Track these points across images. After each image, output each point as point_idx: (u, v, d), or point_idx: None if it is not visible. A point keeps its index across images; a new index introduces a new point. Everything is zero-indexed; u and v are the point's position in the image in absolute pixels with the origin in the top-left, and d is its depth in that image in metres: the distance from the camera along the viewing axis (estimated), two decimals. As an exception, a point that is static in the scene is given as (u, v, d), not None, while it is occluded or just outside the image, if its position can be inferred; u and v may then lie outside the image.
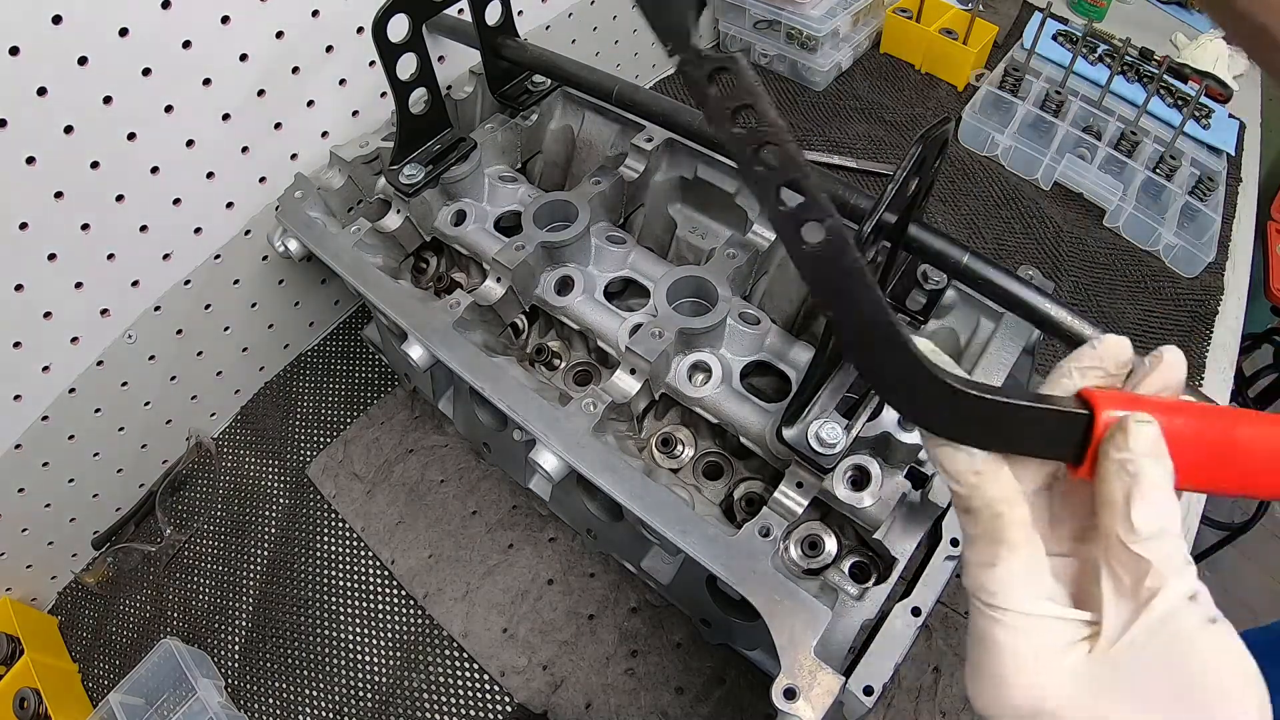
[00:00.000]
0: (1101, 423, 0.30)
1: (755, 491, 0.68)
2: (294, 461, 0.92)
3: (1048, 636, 0.31)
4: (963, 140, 1.21)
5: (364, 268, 0.72)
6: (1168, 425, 0.30)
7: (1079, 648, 0.31)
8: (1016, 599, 0.32)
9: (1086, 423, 0.31)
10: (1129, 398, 0.31)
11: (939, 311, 0.67)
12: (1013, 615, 0.32)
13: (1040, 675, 0.31)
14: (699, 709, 0.73)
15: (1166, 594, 0.30)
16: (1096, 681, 0.31)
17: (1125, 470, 0.30)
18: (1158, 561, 0.30)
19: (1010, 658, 0.31)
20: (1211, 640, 0.30)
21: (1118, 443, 0.30)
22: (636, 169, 0.78)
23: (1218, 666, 0.30)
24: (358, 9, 0.78)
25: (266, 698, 0.77)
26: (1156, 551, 0.30)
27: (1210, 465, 0.31)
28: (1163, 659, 0.30)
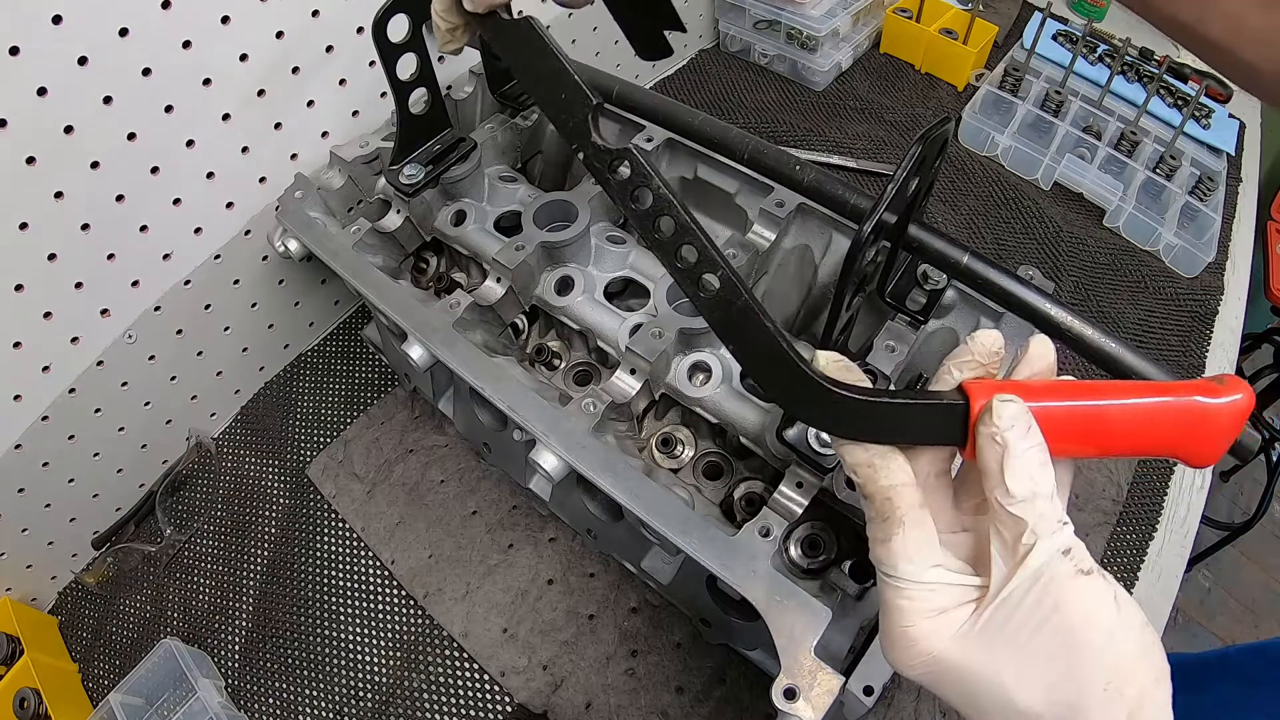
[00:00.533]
0: (976, 409, 0.35)
1: (755, 491, 0.68)
2: (294, 461, 0.92)
3: (936, 599, 0.35)
4: (963, 140, 1.21)
5: (364, 268, 0.72)
6: (1037, 402, 0.34)
7: (967, 608, 0.35)
8: (906, 568, 0.36)
9: (964, 411, 0.35)
10: (1000, 385, 0.36)
11: (939, 311, 0.67)
12: (903, 582, 0.36)
13: (931, 633, 0.35)
14: (699, 709, 0.73)
15: (1040, 548, 0.33)
16: (981, 636, 0.34)
17: (995, 442, 0.33)
18: (1032, 520, 0.33)
19: (905, 619, 0.35)
20: (1083, 589, 0.33)
21: (985, 420, 0.34)
22: (636, 169, 0.78)
23: (1087, 612, 0.32)
24: (358, 9, 0.78)
25: (266, 698, 0.77)
26: (1030, 511, 0.33)
27: (1081, 434, 0.35)
28: (1037, 609, 0.33)
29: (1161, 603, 0.79)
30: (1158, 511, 0.86)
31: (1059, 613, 0.32)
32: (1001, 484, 0.33)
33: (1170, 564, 0.83)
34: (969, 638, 0.34)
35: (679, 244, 0.39)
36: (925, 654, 0.35)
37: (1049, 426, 0.34)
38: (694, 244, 0.39)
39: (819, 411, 0.37)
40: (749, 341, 0.38)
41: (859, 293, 0.53)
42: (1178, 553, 0.84)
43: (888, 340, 0.63)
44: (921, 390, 0.38)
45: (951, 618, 0.35)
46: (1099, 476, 0.87)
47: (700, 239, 0.39)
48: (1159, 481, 0.89)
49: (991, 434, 0.33)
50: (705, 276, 0.39)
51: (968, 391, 0.35)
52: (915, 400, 0.36)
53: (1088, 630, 0.32)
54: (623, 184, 0.41)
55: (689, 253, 0.39)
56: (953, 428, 0.36)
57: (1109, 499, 0.85)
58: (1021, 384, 0.36)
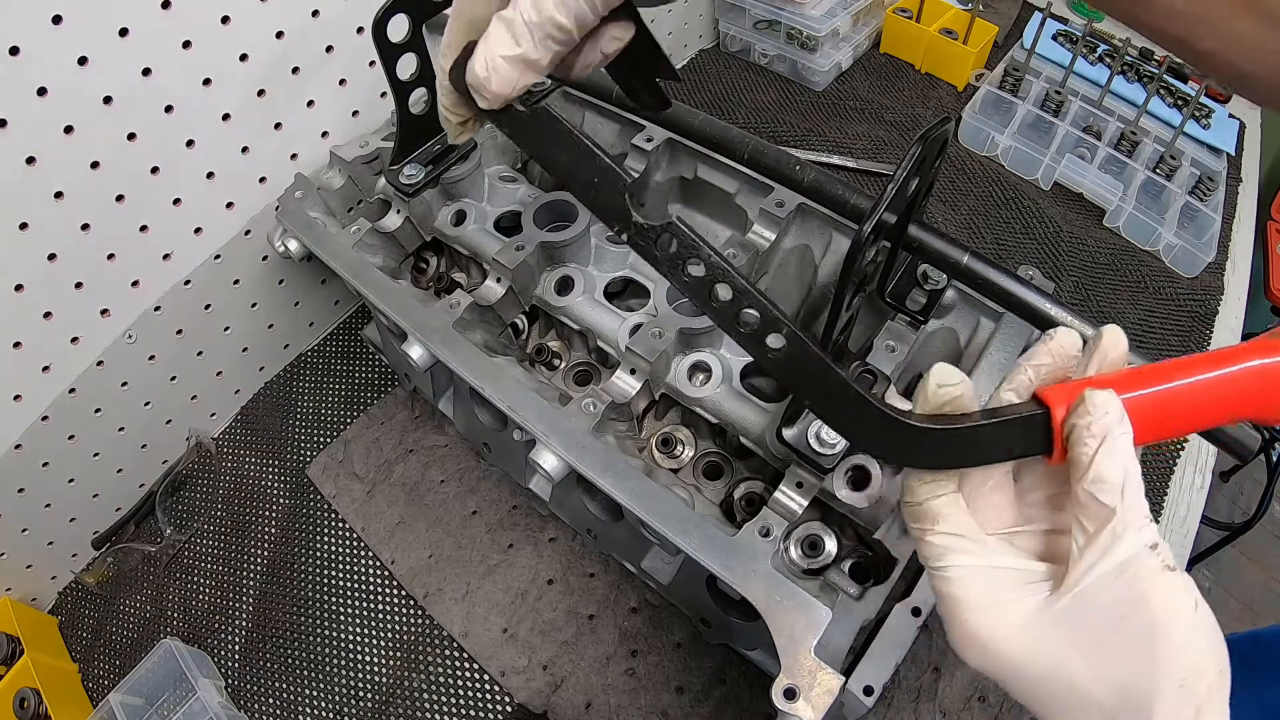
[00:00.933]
0: (1059, 415, 0.34)
1: (755, 491, 0.68)
2: (294, 461, 0.92)
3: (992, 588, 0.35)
4: (963, 140, 1.21)
5: (364, 268, 0.72)
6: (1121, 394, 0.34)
7: (1036, 595, 0.34)
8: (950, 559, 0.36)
9: (1045, 419, 0.35)
10: (1076, 386, 0.35)
11: (939, 311, 0.67)
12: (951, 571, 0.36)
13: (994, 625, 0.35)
14: (699, 709, 0.73)
15: (1128, 540, 0.32)
16: (1054, 626, 0.33)
17: (1090, 433, 0.33)
18: (1121, 511, 0.32)
19: (962, 611, 0.35)
20: (1167, 586, 0.32)
21: (1080, 412, 0.33)
22: (636, 169, 0.78)
23: (1173, 609, 0.32)
24: (358, 9, 0.78)
25: (266, 698, 0.77)
26: (1120, 501, 0.32)
27: (1163, 418, 0.34)
28: (1119, 602, 0.32)
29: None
30: (1158, 512, 0.87)
31: (1143, 607, 0.32)
32: (1093, 473, 0.33)
33: (1170, 564, 0.83)
34: (1040, 628, 0.34)
35: (739, 309, 0.39)
36: (989, 645, 0.35)
37: (1133, 417, 0.34)
38: (754, 306, 0.38)
39: (903, 450, 0.37)
40: (827, 395, 0.38)
41: (859, 293, 0.53)
42: (1178, 553, 0.84)
43: (888, 340, 0.63)
44: (996, 409, 0.36)
45: (1018, 608, 0.34)
46: (1099, 476, 0.87)
47: (761, 300, 0.38)
48: (1159, 482, 0.89)
49: (1088, 425, 0.33)
50: (770, 337, 0.38)
51: (1044, 399, 0.35)
52: (995, 421, 0.35)
53: (1171, 627, 0.32)
54: (671, 258, 0.40)
55: (750, 316, 0.39)
56: (1034, 438, 0.35)
57: (1109, 499, 0.85)
58: (1095, 380, 0.35)
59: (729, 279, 0.39)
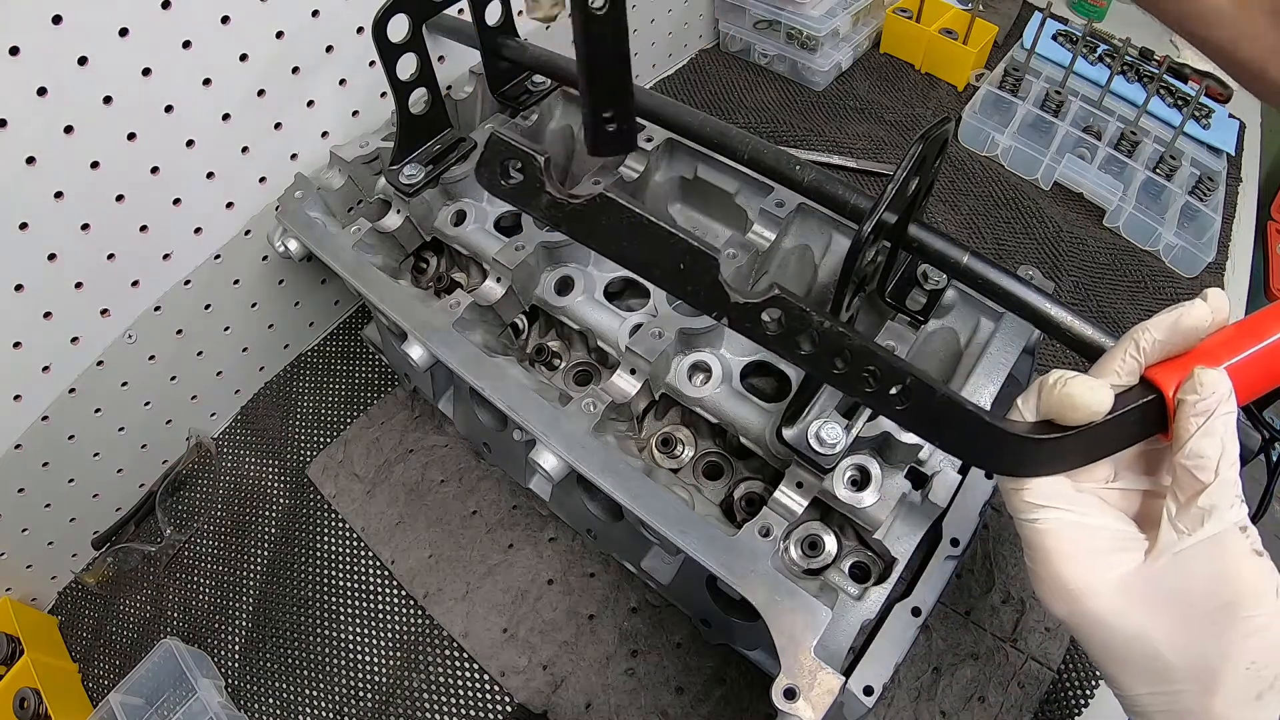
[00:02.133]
0: (1171, 396, 0.34)
1: (755, 491, 0.68)
2: (294, 461, 0.92)
3: (1088, 538, 0.35)
4: (963, 140, 1.21)
5: (364, 268, 0.72)
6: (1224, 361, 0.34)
7: (1131, 557, 0.35)
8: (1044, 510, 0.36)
9: (1160, 403, 0.35)
10: (1185, 363, 0.35)
11: (939, 311, 0.67)
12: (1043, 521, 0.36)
13: (1090, 579, 0.35)
14: (699, 709, 0.73)
15: (1220, 517, 0.33)
16: (1146, 588, 0.34)
17: (1195, 411, 0.33)
18: (1215, 487, 0.33)
19: (1055, 562, 0.36)
20: (1257, 569, 0.33)
21: (1187, 389, 0.34)
22: (636, 169, 0.78)
23: (1257, 593, 0.33)
24: (358, 9, 0.78)
25: (266, 698, 0.77)
26: (1215, 478, 0.33)
27: (1263, 373, 0.35)
28: (1207, 576, 0.33)
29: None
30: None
31: (1229, 585, 0.33)
32: (1190, 448, 0.33)
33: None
34: (1132, 590, 0.34)
35: (860, 369, 0.38)
36: (1081, 600, 0.35)
37: (1236, 382, 0.34)
38: (875, 364, 0.37)
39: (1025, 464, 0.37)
40: (957, 432, 0.38)
41: (859, 293, 0.53)
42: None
43: (888, 340, 0.63)
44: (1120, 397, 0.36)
45: (1113, 567, 0.35)
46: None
47: (881, 356, 0.37)
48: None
49: (1194, 404, 0.33)
50: (893, 390, 0.37)
51: (1154, 381, 0.35)
52: (1112, 418, 0.35)
53: (1252, 610, 0.33)
54: (781, 337, 0.38)
55: (871, 374, 0.38)
56: (1149, 423, 0.35)
57: (1109, 499, 0.85)
58: (1199, 351, 0.35)
59: (847, 344, 0.37)
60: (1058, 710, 0.71)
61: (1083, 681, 0.73)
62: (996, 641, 0.74)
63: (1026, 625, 0.75)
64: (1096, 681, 0.73)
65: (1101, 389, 0.35)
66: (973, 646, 0.74)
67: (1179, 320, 0.35)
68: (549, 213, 0.40)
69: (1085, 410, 0.35)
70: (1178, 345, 0.36)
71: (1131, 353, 0.36)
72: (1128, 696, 0.36)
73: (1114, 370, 0.37)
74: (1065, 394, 0.35)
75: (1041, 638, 0.74)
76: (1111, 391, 0.35)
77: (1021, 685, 0.72)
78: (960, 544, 0.66)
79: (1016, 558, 0.80)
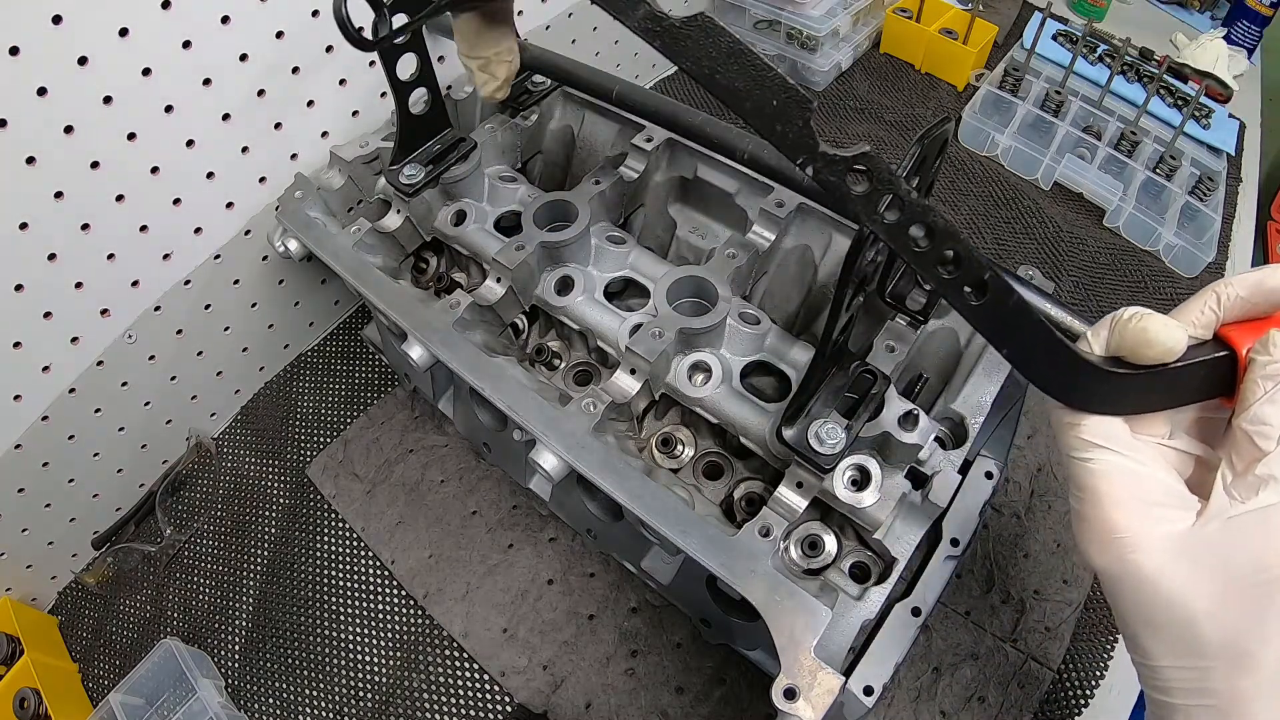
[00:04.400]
0: (1244, 355, 0.33)
1: (755, 491, 0.68)
2: (294, 461, 0.92)
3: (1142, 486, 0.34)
4: (963, 140, 1.21)
5: (364, 268, 0.72)
6: None
7: (1182, 515, 0.33)
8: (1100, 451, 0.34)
9: (1232, 361, 0.33)
10: (1263, 325, 0.33)
11: (939, 311, 0.67)
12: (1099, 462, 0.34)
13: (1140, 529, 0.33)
14: (699, 709, 0.73)
15: (1273, 489, 0.31)
16: (1193, 550, 0.32)
17: (1265, 374, 0.32)
18: (1275, 457, 0.31)
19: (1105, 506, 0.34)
20: None
21: (1259, 349, 0.32)
22: (636, 169, 0.78)
23: None
24: (358, 9, 0.78)
25: (266, 698, 0.77)
26: (1277, 447, 0.31)
27: None
28: (1256, 549, 0.31)
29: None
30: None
31: (1276, 561, 0.31)
32: (1253, 413, 0.32)
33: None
34: (1177, 549, 0.33)
35: (941, 250, 0.35)
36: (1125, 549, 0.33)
37: None
38: (958, 247, 0.35)
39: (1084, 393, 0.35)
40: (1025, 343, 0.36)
41: (859, 293, 0.53)
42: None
43: (888, 340, 0.63)
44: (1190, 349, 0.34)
45: (1162, 522, 0.33)
46: (1099, 476, 0.87)
47: (965, 241, 0.35)
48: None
49: (1264, 365, 0.32)
50: (970, 283, 0.35)
51: (1228, 339, 0.33)
52: (1185, 364, 0.33)
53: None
54: (865, 196, 0.35)
55: (953, 259, 0.35)
56: (1217, 381, 0.34)
57: (1109, 499, 0.85)
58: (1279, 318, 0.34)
59: (931, 219, 0.35)
60: (1058, 710, 0.71)
61: (1083, 681, 0.73)
62: (996, 641, 0.74)
63: (1026, 625, 0.75)
64: (1096, 681, 0.73)
65: (1178, 330, 0.33)
66: (973, 646, 0.74)
67: (1264, 279, 0.34)
68: (645, 24, 0.38)
69: (1160, 348, 0.33)
70: (1259, 307, 0.34)
71: (1210, 304, 0.34)
72: (1152, 667, 0.34)
73: (1191, 319, 0.35)
74: (1141, 329, 0.34)
75: (1041, 638, 0.74)
76: (1186, 334, 0.33)
77: (1021, 685, 0.72)
78: (960, 544, 0.66)
79: (1016, 558, 0.80)
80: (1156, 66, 1.26)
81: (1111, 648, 0.75)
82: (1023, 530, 0.82)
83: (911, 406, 0.57)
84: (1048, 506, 0.83)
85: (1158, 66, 1.24)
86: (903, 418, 0.57)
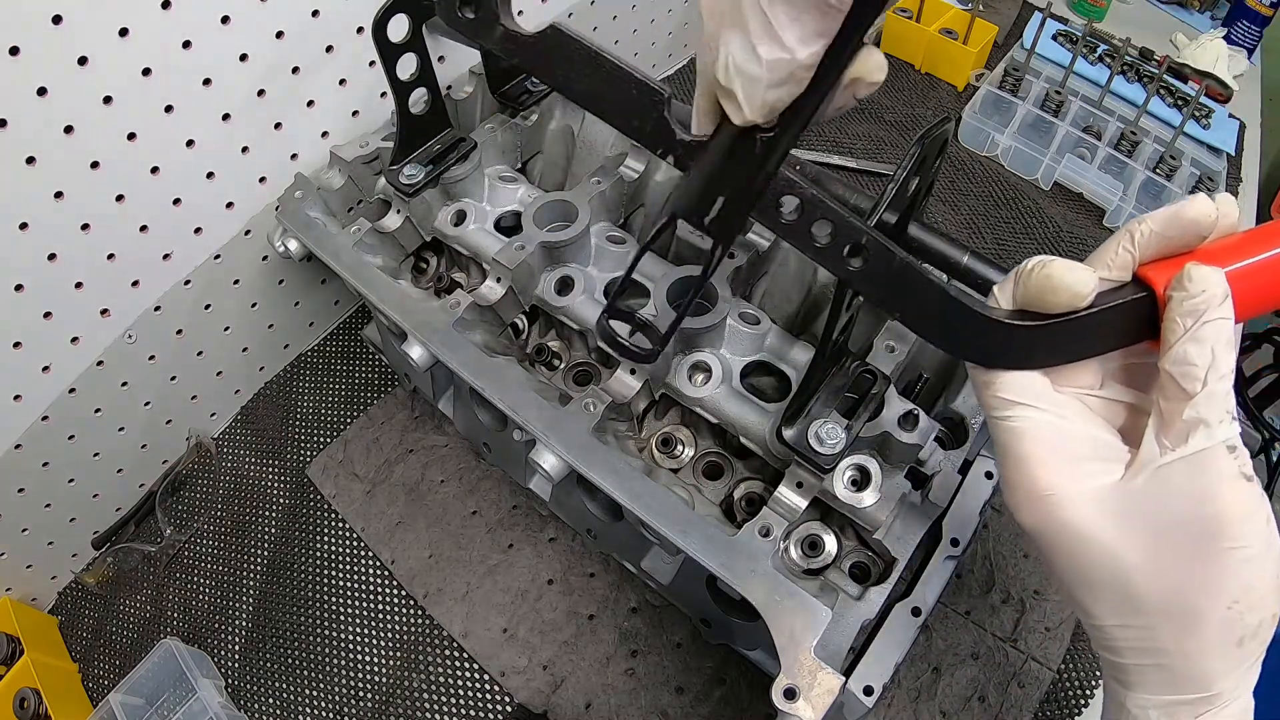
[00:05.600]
0: (1163, 294, 0.31)
1: (755, 491, 0.68)
2: (294, 461, 0.92)
3: (1065, 444, 0.32)
4: (963, 140, 1.21)
5: (364, 268, 0.72)
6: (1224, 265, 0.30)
7: (1110, 469, 0.32)
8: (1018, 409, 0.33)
9: (1151, 302, 0.31)
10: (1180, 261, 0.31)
11: (939, 311, 0.67)
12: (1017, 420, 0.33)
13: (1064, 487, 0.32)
14: (699, 709, 0.73)
15: (1207, 433, 0.30)
16: (1122, 505, 0.31)
17: (1183, 311, 0.30)
18: (1202, 399, 0.30)
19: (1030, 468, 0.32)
20: (1243, 494, 0.30)
21: (1176, 286, 0.30)
22: (636, 169, 0.78)
23: (1243, 517, 0.30)
24: (358, 9, 0.78)
25: (266, 698, 0.77)
26: (1203, 389, 0.30)
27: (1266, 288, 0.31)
28: (1188, 498, 0.30)
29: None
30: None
31: (1212, 508, 0.30)
32: (1176, 353, 0.30)
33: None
34: (1108, 505, 0.31)
35: (809, 222, 0.35)
36: (1053, 509, 0.32)
37: (1236, 287, 0.30)
38: (829, 215, 0.35)
39: (992, 350, 0.34)
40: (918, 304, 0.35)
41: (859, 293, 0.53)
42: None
43: (888, 340, 0.63)
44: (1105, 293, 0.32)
45: (1089, 478, 0.32)
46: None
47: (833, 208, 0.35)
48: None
49: (1181, 302, 0.30)
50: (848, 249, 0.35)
51: (1146, 279, 0.32)
52: (1094, 311, 0.32)
53: (1236, 538, 0.29)
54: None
55: (821, 230, 0.35)
56: (1137, 324, 0.32)
57: (1109, 499, 0.85)
58: (1201, 253, 0.32)
59: (795, 190, 0.35)
60: (1058, 710, 0.72)
61: (1083, 681, 0.73)
62: (996, 641, 0.74)
63: (1026, 625, 0.75)
64: (1096, 681, 0.73)
65: (1083, 271, 0.31)
66: (973, 646, 0.74)
67: (1179, 212, 0.32)
68: (504, 45, 0.39)
69: (1065, 293, 0.31)
70: (1177, 242, 0.32)
71: (1125, 244, 0.32)
72: (1098, 628, 0.33)
73: (1105, 261, 0.33)
74: (1044, 275, 0.32)
75: (1041, 638, 0.74)
76: (1094, 275, 0.32)
77: (1021, 685, 0.72)
78: (960, 544, 0.66)
79: (1016, 558, 0.80)
80: (1156, 66, 1.26)
81: (1111, 648, 0.75)
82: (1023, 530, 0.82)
83: (911, 406, 0.57)
84: (1048, 506, 0.83)
85: (1158, 66, 1.24)
86: (903, 418, 0.57)
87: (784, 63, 0.31)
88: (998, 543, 0.80)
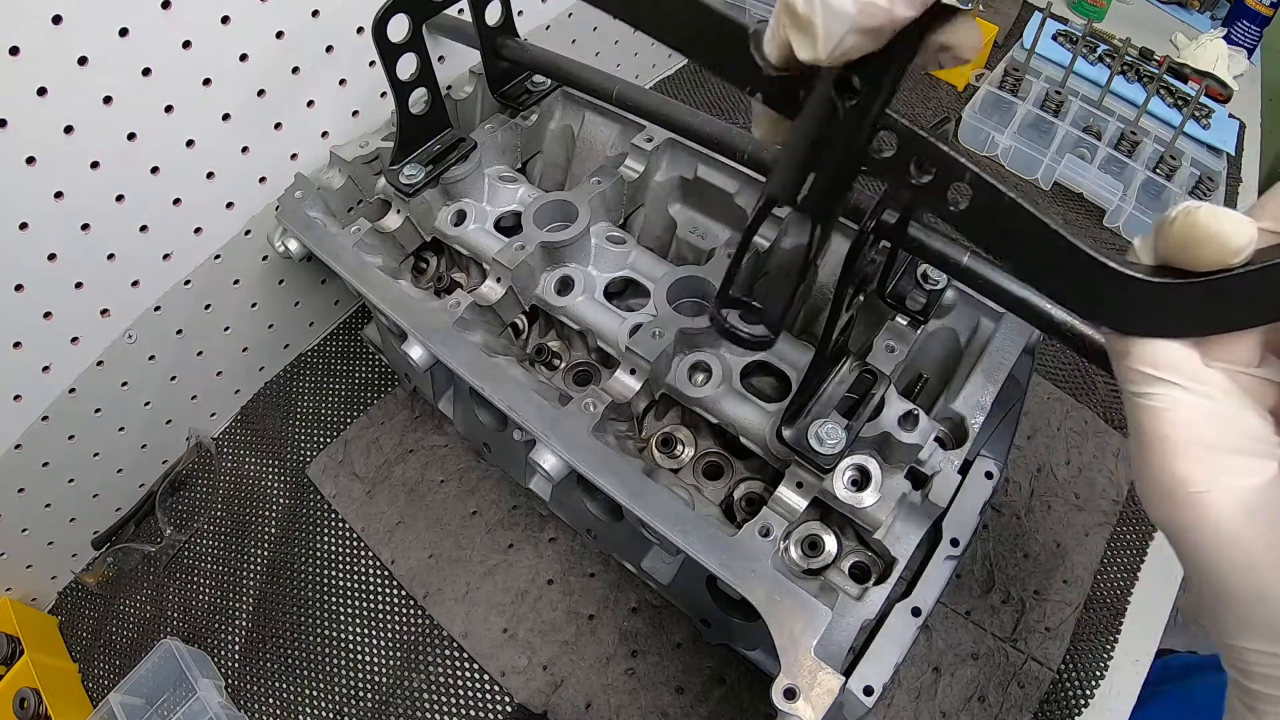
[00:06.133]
0: None
1: (755, 491, 0.68)
2: (294, 461, 0.92)
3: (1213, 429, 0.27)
4: (963, 140, 1.21)
5: (364, 268, 0.72)
6: None
7: (1262, 468, 0.27)
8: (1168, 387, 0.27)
9: None
10: None
11: (939, 311, 0.67)
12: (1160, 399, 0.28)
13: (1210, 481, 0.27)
14: (699, 709, 0.73)
15: None
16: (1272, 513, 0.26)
17: None
18: None
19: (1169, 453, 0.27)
20: None
21: None
22: (636, 169, 0.78)
23: None
24: (358, 9, 0.78)
25: (266, 698, 0.77)
26: None
27: None
28: None
29: (1162, 602, 0.79)
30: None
31: None
32: None
33: (1171, 564, 0.83)
34: (1255, 508, 0.26)
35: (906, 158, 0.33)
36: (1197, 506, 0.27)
37: None
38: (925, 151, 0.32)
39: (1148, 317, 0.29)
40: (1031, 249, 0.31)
41: (859, 293, 0.53)
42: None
43: (888, 340, 0.63)
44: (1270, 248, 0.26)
45: (1240, 468, 0.27)
46: (1099, 477, 0.87)
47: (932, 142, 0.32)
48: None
49: None
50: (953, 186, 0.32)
51: None
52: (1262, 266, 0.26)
53: None
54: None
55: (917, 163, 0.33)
56: None
57: (1109, 499, 0.85)
58: None
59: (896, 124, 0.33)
60: (1058, 710, 0.72)
61: (1083, 681, 0.73)
62: (996, 641, 0.74)
63: (1026, 625, 0.75)
64: (1096, 682, 0.73)
65: (1238, 221, 0.26)
66: (973, 646, 0.74)
67: None
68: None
69: (1214, 245, 0.26)
70: None
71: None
72: (1230, 646, 0.28)
73: (1272, 211, 0.27)
74: (1190, 223, 0.26)
75: (1041, 638, 0.74)
76: (1253, 226, 0.26)
77: (1021, 685, 0.72)
78: (960, 544, 0.66)
79: (1017, 558, 0.80)
80: (1156, 66, 1.26)
81: (1111, 648, 0.75)
82: (1023, 530, 0.82)
83: (911, 406, 0.57)
84: (1047, 506, 0.84)
85: (1158, 66, 1.24)
86: (903, 418, 0.57)
87: (881, 11, 0.28)
88: (998, 543, 0.81)
